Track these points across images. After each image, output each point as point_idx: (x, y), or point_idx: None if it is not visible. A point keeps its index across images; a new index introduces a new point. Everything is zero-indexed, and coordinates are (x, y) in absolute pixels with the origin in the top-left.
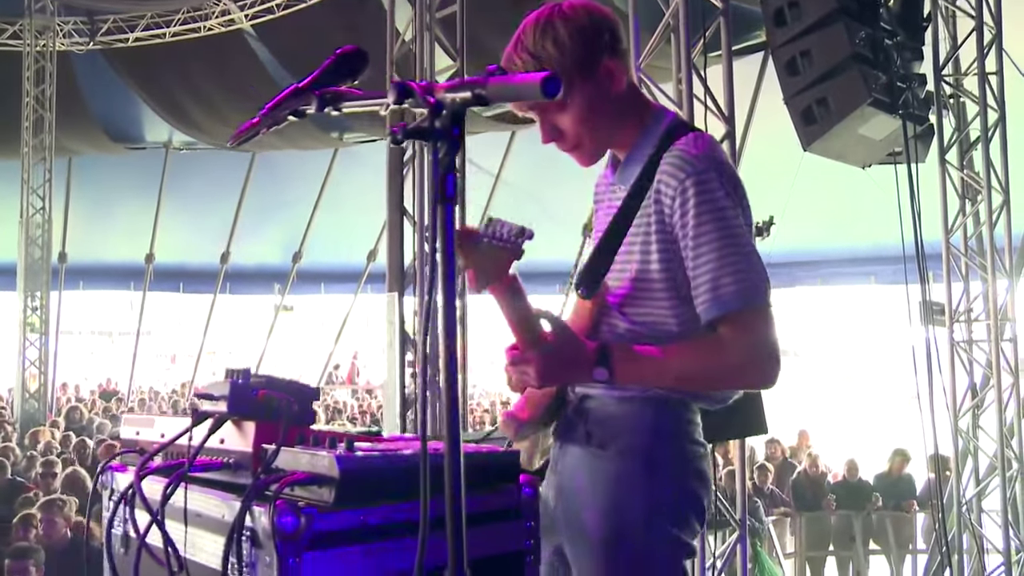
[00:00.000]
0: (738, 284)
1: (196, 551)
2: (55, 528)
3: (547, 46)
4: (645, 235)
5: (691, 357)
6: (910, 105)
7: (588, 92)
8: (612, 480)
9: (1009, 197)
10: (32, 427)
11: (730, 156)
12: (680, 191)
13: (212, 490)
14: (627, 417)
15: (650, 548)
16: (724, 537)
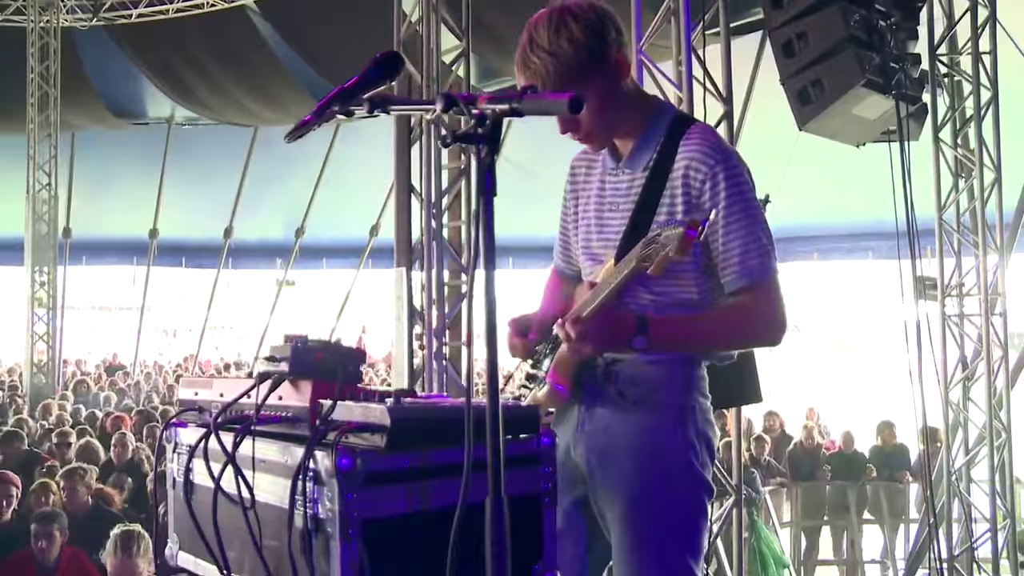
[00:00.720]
0: (762, 258)
1: (261, 492)
2: (77, 495)
3: (563, 43)
4: (670, 214)
5: (720, 322)
6: (903, 85)
7: (602, 85)
8: (651, 431)
9: (1001, 175)
10: (41, 400)
11: (728, 137)
12: (711, 175)
13: (273, 440)
14: (659, 376)
15: (686, 494)
16: (721, 504)
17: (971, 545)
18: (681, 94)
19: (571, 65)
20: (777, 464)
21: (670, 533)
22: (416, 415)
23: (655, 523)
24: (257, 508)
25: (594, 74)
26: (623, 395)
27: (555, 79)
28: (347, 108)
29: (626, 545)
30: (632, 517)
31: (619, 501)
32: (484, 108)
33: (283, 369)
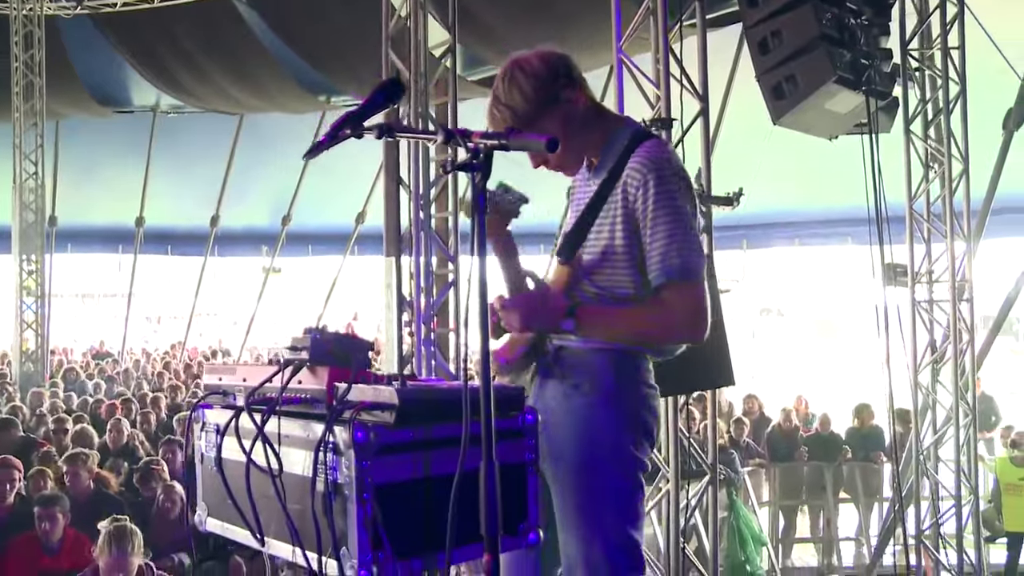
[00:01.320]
0: (682, 259)
1: (285, 463)
2: (79, 479)
3: (515, 96)
4: (613, 218)
5: (640, 315)
6: (873, 81)
7: (556, 121)
8: (583, 412)
9: (968, 165)
10: (31, 388)
11: (703, 132)
12: (643, 183)
13: (295, 419)
14: (594, 363)
15: (615, 466)
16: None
17: (936, 521)
18: (659, 92)
19: (524, 114)
20: (756, 446)
21: (606, 505)
22: (420, 395)
23: (592, 496)
24: (282, 477)
25: (546, 117)
26: (565, 377)
27: (516, 110)
28: (359, 131)
29: (568, 516)
30: (571, 490)
31: (560, 475)
32: (478, 143)
33: (303, 357)
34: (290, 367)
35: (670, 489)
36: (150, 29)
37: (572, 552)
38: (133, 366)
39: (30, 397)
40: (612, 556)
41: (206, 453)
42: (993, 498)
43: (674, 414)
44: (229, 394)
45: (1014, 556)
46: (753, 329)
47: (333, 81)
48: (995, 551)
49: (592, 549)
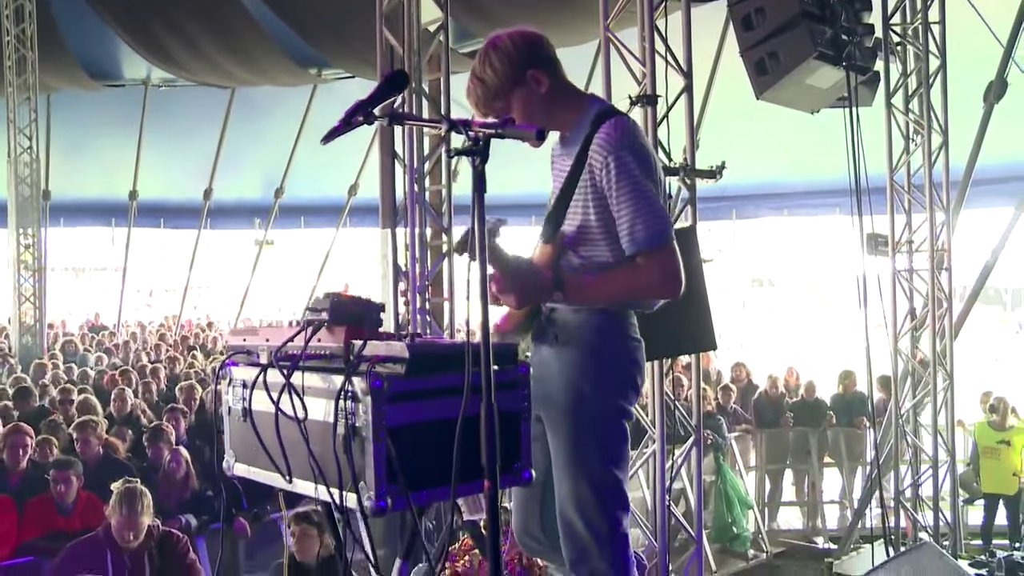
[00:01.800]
0: (648, 229)
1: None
2: (90, 445)
3: (487, 71)
4: (584, 197)
5: (618, 281)
6: (854, 57)
7: (521, 96)
8: (571, 366)
9: (948, 138)
10: (30, 361)
11: (687, 107)
12: (606, 164)
13: (316, 372)
14: (580, 322)
15: (599, 412)
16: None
17: (915, 483)
18: (645, 69)
19: (494, 89)
20: (743, 412)
21: (594, 447)
22: (427, 349)
23: (582, 440)
24: (306, 423)
25: (512, 91)
26: (557, 336)
27: (484, 99)
28: (370, 118)
29: (560, 458)
30: (563, 435)
31: (553, 422)
32: (478, 131)
33: (324, 318)
34: (311, 326)
35: (656, 450)
36: (141, 2)
37: (563, 492)
38: (130, 338)
39: (33, 369)
40: (600, 494)
41: (233, 406)
42: (972, 461)
43: (660, 378)
44: (253, 353)
45: (990, 517)
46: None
47: (325, 54)
48: (973, 512)
49: (581, 487)
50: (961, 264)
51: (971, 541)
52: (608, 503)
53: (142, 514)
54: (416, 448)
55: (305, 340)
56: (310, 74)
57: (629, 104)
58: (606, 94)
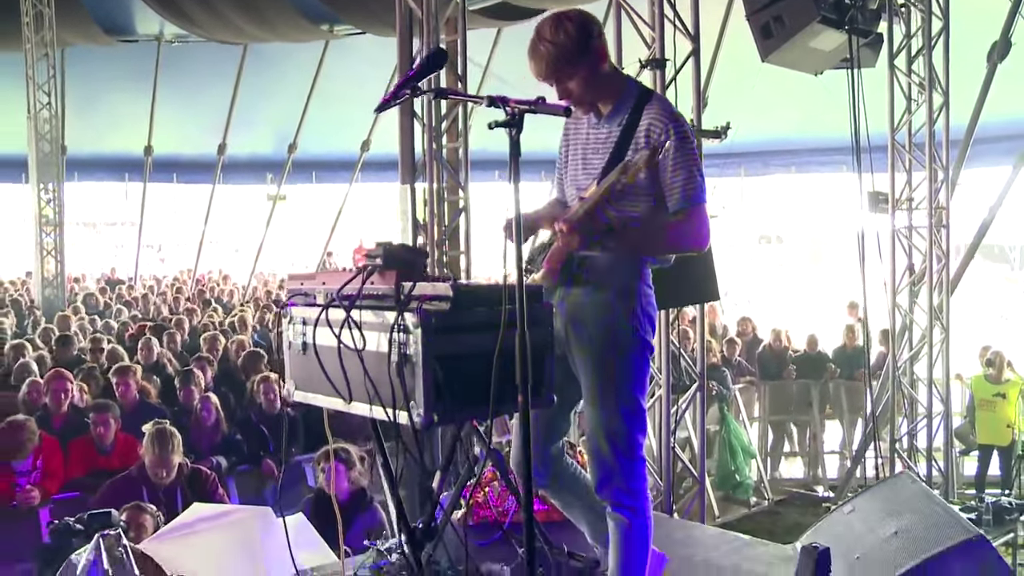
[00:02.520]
0: (695, 191)
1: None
2: (128, 390)
3: (560, 36)
4: (634, 155)
5: (666, 230)
6: (856, 20)
7: (587, 67)
8: (605, 306)
9: (948, 99)
10: (52, 313)
11: (694, 71)
12: (666, 131)
13: (370, 310)
14: (612, 268)
15: (630, 346)
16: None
17: (910, 432)
18: (654, 34)
19: (565, 53)
20: (748, 364)
21: (625, 379)
22: (468, 289)
23: (613, 370)
24: (363, 353)
25: (581, 59)
26: (590, 281)
27: (554, 62)
28: (417, 92)
29: (593, 391)
30: (596, 367)
31: (584, 355)
32: (514, 107)
33: (378, 263)
34: (367, 270)
35: (662, 396)
36: None
37: (595, 423)
38: (147, 292)
39: (57, 321)
40: (628, 421)
41: (293, 341)
42: (968, 413)
43: (666, 328)
44: (310, 295)
45: (984, 467)
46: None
47: (338, 12)
48: (969, 463)
49: (613, 418)
50: (965, 222)
51: (966, 491)
52: (633, 430)
53: (173, 453)
54: (458, 374)
55: (361, 282)
56: (322, 30)
57: (639, 67)
58: (616, 58)
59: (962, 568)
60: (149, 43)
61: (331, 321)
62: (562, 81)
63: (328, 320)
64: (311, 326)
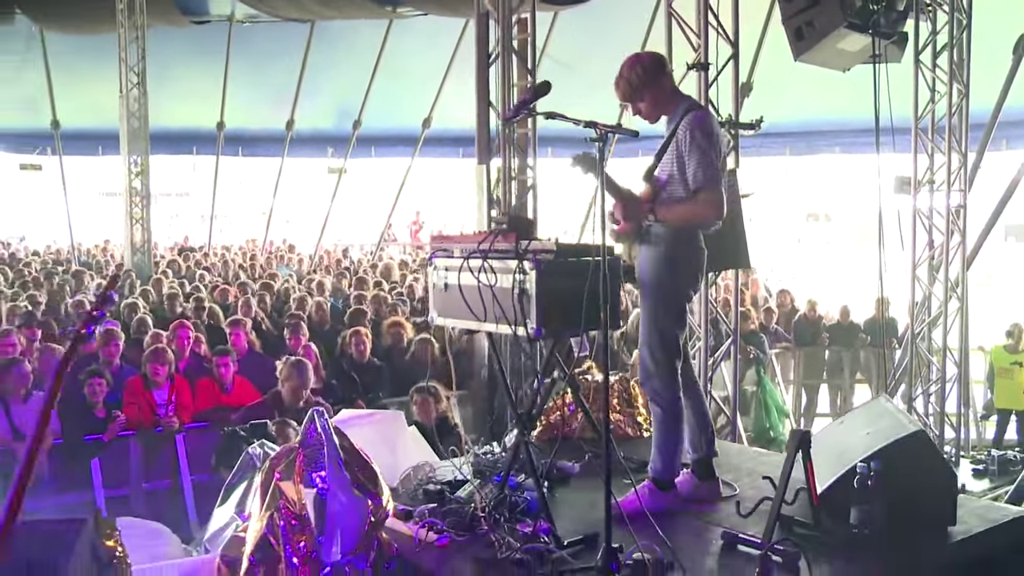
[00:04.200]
0: (707, 176)
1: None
2: (240, 339)
3: (633, 74)
4: (671, 157)
5: (687, 206)
6: (879, 25)
7: (654, 92)
8: (657, 261)
9: (969, 91)
10: (142, 278)
11: (733, 72)
12: (684, 139)
13: (498, 259)
14: (663, 233)
15: (670, 290)
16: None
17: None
18: (699, 40)
19: (637, 86)
20: (784, 332)
21: (663, 312)
22: (565, 246)
23: (658, 306)
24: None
25: (648, 89)
26: (649, 241)
27: (629, 92)
28: (532, 112)
29: (645, 317)
30: (649, 303)
31: (644, 295)
32: (604, 129)
33: (504, 227)
34: (496, 232)
35: (700, 347)
36: None
37: (643, 338)
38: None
39: (152, 284)
40: (663, 339)
41: (436, 282)
42: (988, 380)
43: (705, 289)
44: (448, 250)
45: (1001, 430)
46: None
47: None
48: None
49: (653, 335)
50: (989, 202)
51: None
52: (668, 348)
53: (307, 381)
54: (558, 303)
55: (491, 240)
56: (385, 10)
57: (686, 69)
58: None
59: (906, 452)
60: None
61: (471, 267)
62: (635, 103)
63: (470, 267)
64: (453, 271)
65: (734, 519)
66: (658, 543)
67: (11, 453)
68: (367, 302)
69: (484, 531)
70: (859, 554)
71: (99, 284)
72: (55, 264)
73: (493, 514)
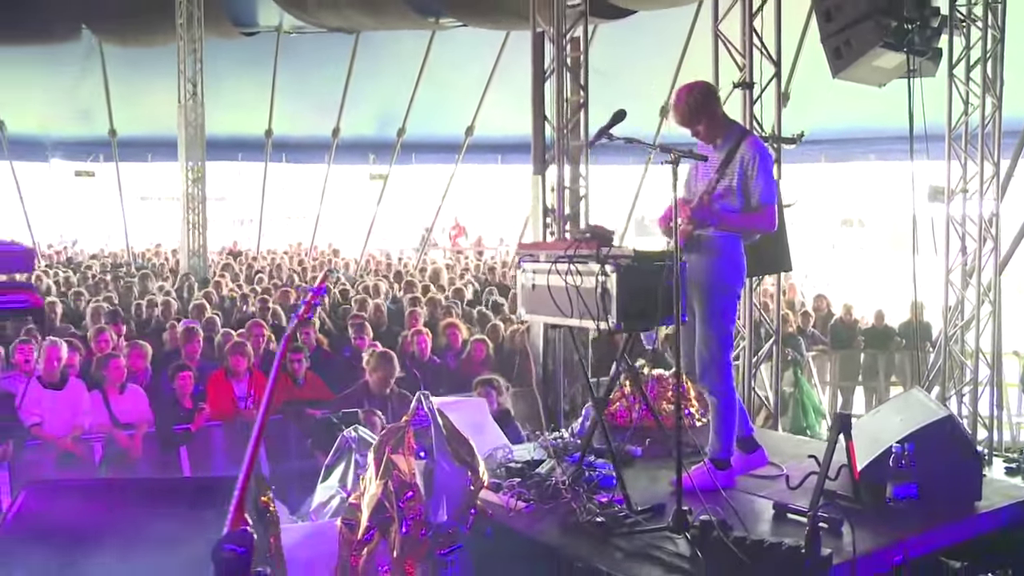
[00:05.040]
0: (768, 194)
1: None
2: (309, 337)
3: (689, 99)
4: (731, 174)
5: (748, 217)
6: (913, 43)
7: (708, 117)
8: (709, 264)
9: (1002, 103)
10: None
11: (776, 89)
12: (752, 159)
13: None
14: (714, 240)
15: (722, 291)
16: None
17: (957, 392)
18: (744, 60)
19: (692, 111)
20: (821, 335)
21: (717, 311)
22: (642, 252)
23: (712, 306)
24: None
25: (703, 114)
26: (702, 247)
27: (688, 115)
28: (611, 138)
29: (701, 317)
30: (704, 303)
31: (700, 297)
32: (678, 154)
33: (587, 236)
34: (580, 240)
35: (744, 347)
36: None
37: (700, 335)
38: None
39: (212, 285)
40: (718, 335)
41: (524, 283)
42: (1022, 383)
43: (749, 293)
44: (535, 255)
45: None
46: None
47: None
48: None
49: (709, 333)
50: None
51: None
52: (724, 344)
53: (392, 371)
54: (635, 300)
55: (575, 247)
56: (428, 22)
57: (732, 87)
58: (714, 78)
59: (936, 434)
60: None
61: (559, 270)
62: (693, 126)
63: (558, 270)
64: (540, 274)
65: (783, 494)
66: (722, 508)
67: (113, 440)
68: (421, 304)
69: (566, 500)
70: (894, 522)
71: (188, 285)
72: (114, 267)
73: (573, 486)
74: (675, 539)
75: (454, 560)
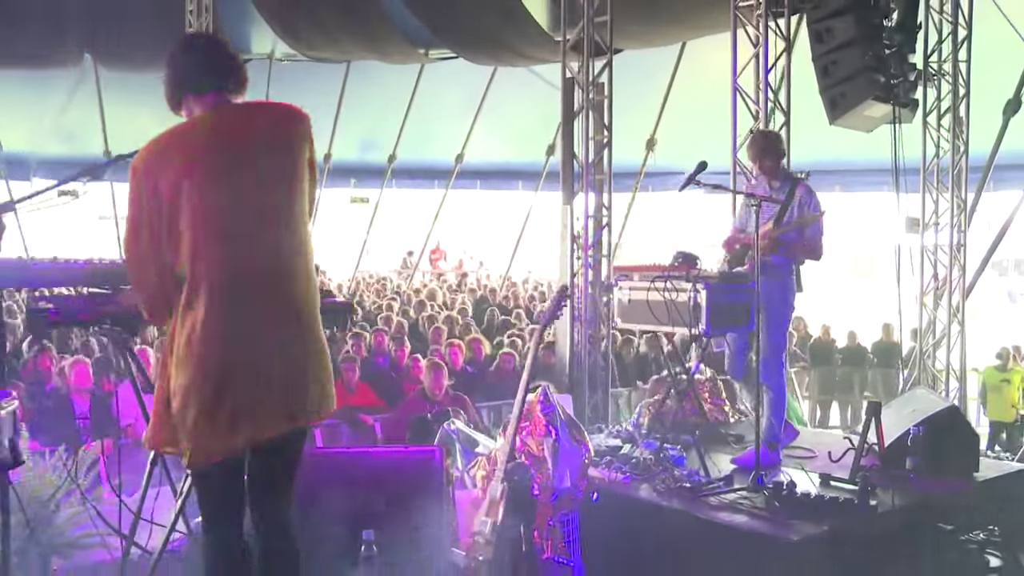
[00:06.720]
0: (819, 228)
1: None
2: (360, 349)
3: (764, 141)
4: (792, 211)
5: (810, 247)
6: (899, 96)
7: (773, 158)
8: (776, 287)
9: (968, 147)
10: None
11: (786, 134)
12: (807, 200)
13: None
14: (778, 266)
15: (783, 311)
16: None
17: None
18: (759, 108)
19: (764, 149)
20: (801, 353)
21: (778, 328)
22: (726, 273)
23: (781, 323)
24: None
25: (771, 155)
26: (769, 272)
27: (760, 154)
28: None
29: (764, 328)
30: (768, 321)
31: (766, 315)
32: (760, 199)
33: (680, 260)
34: (673, 264)
35: None
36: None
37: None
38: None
39: None
40: (776, 346)
41: (620, 298)
42: (980, 397)
43: None
44: (628, 275)
45: (993, 439)
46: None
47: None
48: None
49: (771, 344)
50: (986, 238)
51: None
52: (779, 352)
53: (443, 378)
54: (720, 311)
55: (668, 272)
56: (419, 53)
57: (749, 134)
58: (732, 125)
59: (943, 420)
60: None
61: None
62: (762, 162)
63: (654, 287)
64: (636, 291)
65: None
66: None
67: None
68: (438, 321)
69: (655, 472)
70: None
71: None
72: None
73: (659, 462)
74: (752, 497)
75: (572, 520)
